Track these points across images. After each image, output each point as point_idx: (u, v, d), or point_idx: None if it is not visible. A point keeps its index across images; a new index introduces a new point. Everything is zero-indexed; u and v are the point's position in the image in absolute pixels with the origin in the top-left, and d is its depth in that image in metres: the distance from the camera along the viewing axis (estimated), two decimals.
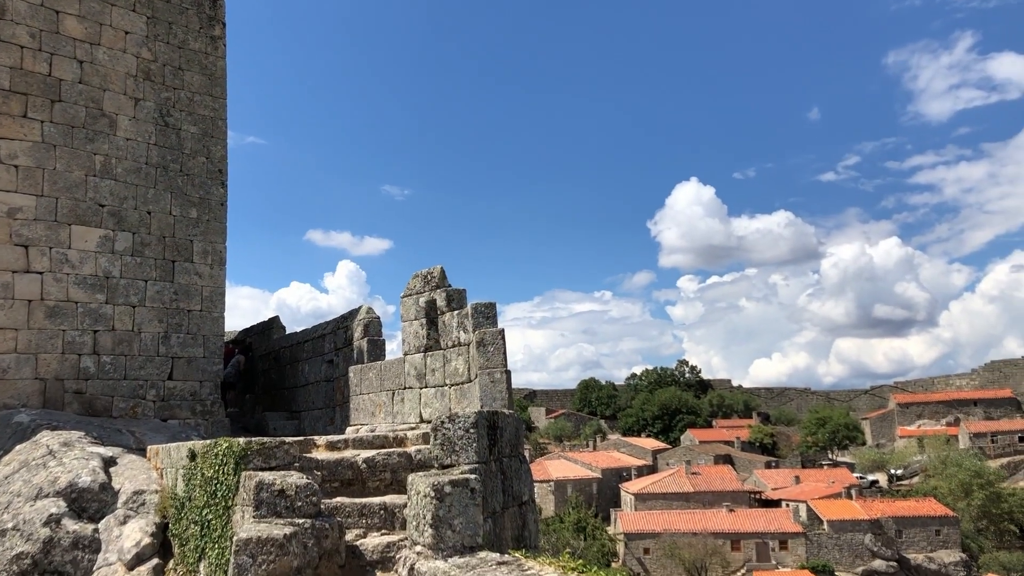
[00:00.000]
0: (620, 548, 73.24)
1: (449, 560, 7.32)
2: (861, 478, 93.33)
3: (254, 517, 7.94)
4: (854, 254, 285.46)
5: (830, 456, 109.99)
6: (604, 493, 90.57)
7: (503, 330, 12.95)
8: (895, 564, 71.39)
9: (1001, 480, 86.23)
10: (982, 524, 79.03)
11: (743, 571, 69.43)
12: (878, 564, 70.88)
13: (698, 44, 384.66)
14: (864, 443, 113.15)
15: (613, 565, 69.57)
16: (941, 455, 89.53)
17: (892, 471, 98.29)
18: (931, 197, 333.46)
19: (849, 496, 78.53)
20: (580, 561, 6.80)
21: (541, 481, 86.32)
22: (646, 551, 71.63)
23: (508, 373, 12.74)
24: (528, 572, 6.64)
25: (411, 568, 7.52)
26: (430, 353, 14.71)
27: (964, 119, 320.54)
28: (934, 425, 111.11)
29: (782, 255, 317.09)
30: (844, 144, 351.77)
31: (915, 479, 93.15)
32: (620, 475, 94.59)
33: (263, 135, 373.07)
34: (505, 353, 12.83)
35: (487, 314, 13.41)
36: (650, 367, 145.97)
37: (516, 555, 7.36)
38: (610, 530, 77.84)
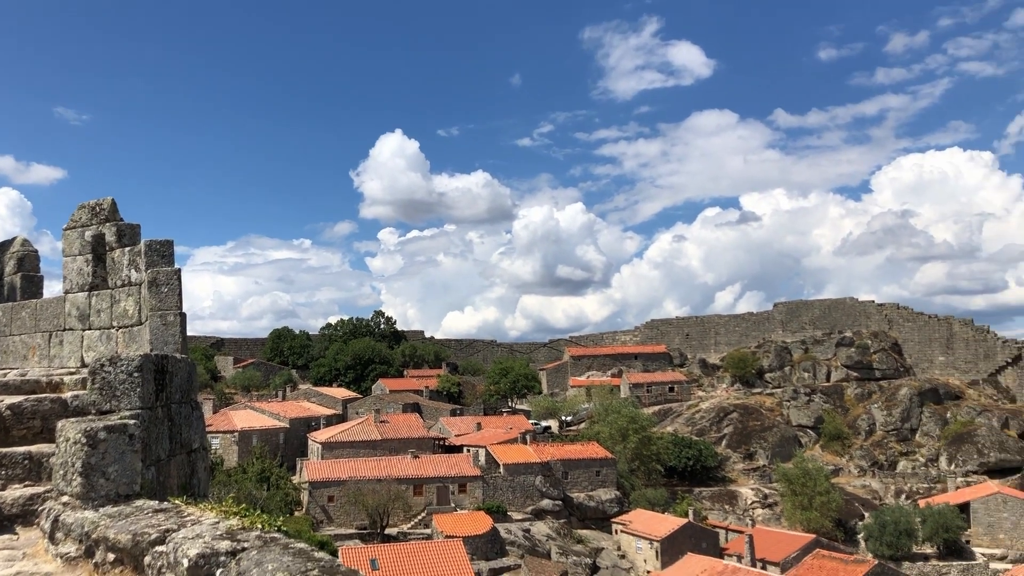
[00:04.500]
0: (304, 497, 73.03)
1: (100, 509, 6.89)
2: (535, 424, 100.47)
3: None
4: (543, 217, 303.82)
5: (510, 404, 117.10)
6: (292, 443, 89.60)
7: (179, 270, 12.26)
8: (560, 503, 77.98)
9: (652, 425, 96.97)
10: (635, 464, 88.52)
11: (423, 514, 72.19)
12: (546, 503, 77.00)
13: None
14: (540, 392, 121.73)
15: (296, 514, 69.20)
16: (605, 403, 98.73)
17: (563, 417, 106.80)
18: (612, 169, 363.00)
19: (524, 441, 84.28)
20: (243, 506, 6.71)
21: (225, 432, 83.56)
22: (330, 499, 72.06)
23: (183, 316, 12.10)
24: (187, 518, 6.43)
25: (55, 520, 6.99)
26: (96, 292, 13.56)
27: (645, 99, 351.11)
28: (601, 376, 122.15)
29: (479, 214, 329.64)
30: (540, 112, 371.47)
31: (582, 425, 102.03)
32: (309, 425, 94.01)
33: None
34: (181, 294, 12.17)
35: (163, 252, 12.60)
36: (346, 318, 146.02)
37: (176, 502, 7.09)
38: (295, 479, 77.28)
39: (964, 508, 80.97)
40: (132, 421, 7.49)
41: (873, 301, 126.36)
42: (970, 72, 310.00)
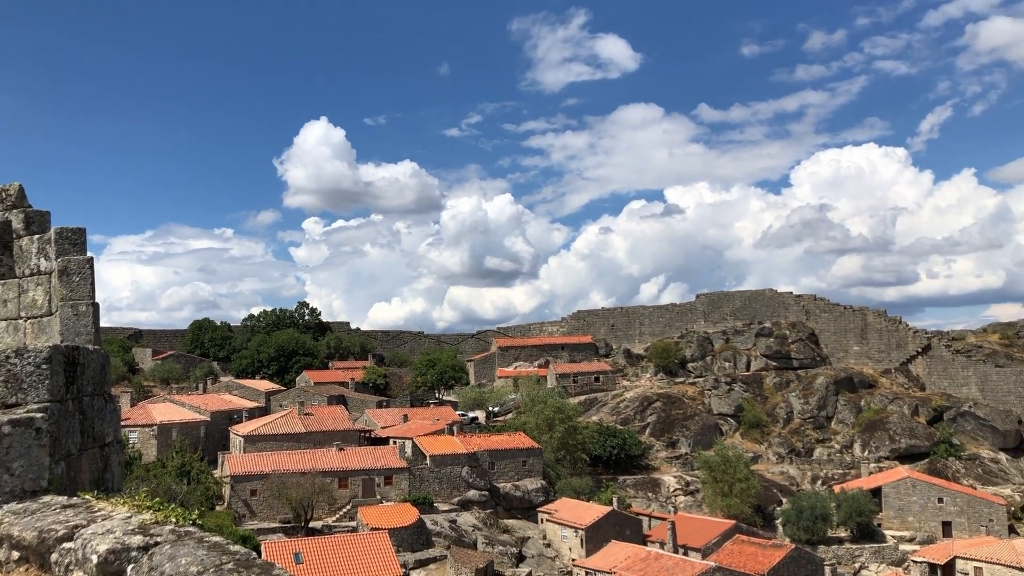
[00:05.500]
0: (226, 491, 71.71)
1: (5, 506, 6.65)
2: (463, 415, 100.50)
3: None
4: (471, 208, 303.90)
5: (437, 395, 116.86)
6: (213, 436, 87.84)
7: (91, 258, 11.86)
8: (486, 493, 78.25)
9: (578, 415, 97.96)
10: (561, 454, 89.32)
11: (349, 507, 71.60)
12: (472, 494, 77.16)
13: None
14: (468, 383, 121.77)
15: (218, 508, 67.93)
16: (532, 393, 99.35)
17: (490, 408, 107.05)
18: (540, 161, 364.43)
19: (451, 432, 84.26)
20: (156, 500, 6.55)
21: (144, 425, 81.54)
22: (253, 493, 70.90)
23: (95, 306, 11.72)
24: (97, 513, 6.24)
25: None
26: (2, 281, 13.04)
27: (573, 91, 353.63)
28: (529, 367, 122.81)
29: (407, 204, 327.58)
30: (469, 103, 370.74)
31: (509, 415, 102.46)
32: (231, 418, 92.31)
33: None
34: (93, 284, 11.79)
35: (74, 240, 12.18)
36: (269, 309, 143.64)
37: (86, 497, 6.88)
38: (217, 473, 75.82)
39: (876, 493, 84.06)
40: (39, 415, 7.24)
41: (791, 292, 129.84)
42: (885, 70, 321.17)
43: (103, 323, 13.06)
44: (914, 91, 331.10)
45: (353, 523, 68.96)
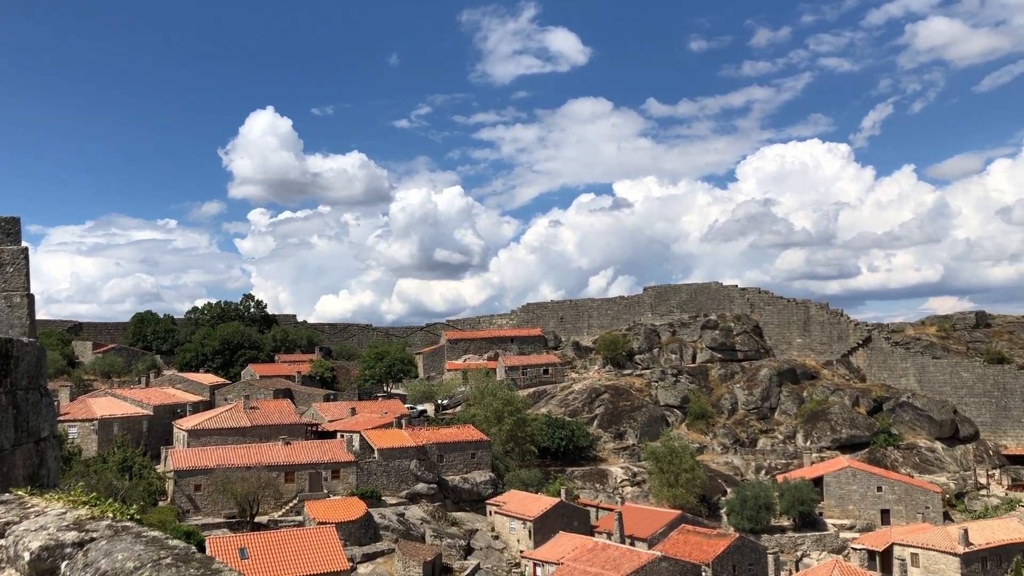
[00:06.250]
0: (169, 486, 70.53)
1: None
2: (411, 408, 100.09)
3: None
4: (421, 200, 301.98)
5: (385, 389, 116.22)
6: (156, 431, 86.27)
7: (26, 248, 11.53)
8: (435, 486, 78.15)
9: (527, 407, 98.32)
10: (509, 446, 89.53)
11: (295, 501, 70.93)
12: (421, 487, 77.00)
13: None
14: (417, 376, 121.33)
15: (161, 503, 66.79)
16: (481, 386, 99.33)
17: (439, 401, 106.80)
18: (490, 153, 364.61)
19: (400, 425, 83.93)
20: (93, 495, 6.40)
21: (84, 420, 79.70)
22: (197, 488, 69.84)
23: (30, 297, 11.39)
24: (31, 509, 6.09)
25: None
26: None
27: (523, 84, 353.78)
28: (478, 359, 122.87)
29: (355, 195, 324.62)
30: (418, 94, 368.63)
31: (458, 408, 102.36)
32: (174, 412, 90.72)
33: None
34: (28, 275, 11.45)
35: (8, 230, 11.82)
36: (214, 301, 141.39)
37: (19, 493, 6.70)
38: (160, 468, 74.49)
39: (818, 482, 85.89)
40: None
41: (736, 285, 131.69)
42: (829, 67, 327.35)
43: (41, 315, 12.74)
44: (857, 88, 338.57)
45: (300, 517, 68.34)
